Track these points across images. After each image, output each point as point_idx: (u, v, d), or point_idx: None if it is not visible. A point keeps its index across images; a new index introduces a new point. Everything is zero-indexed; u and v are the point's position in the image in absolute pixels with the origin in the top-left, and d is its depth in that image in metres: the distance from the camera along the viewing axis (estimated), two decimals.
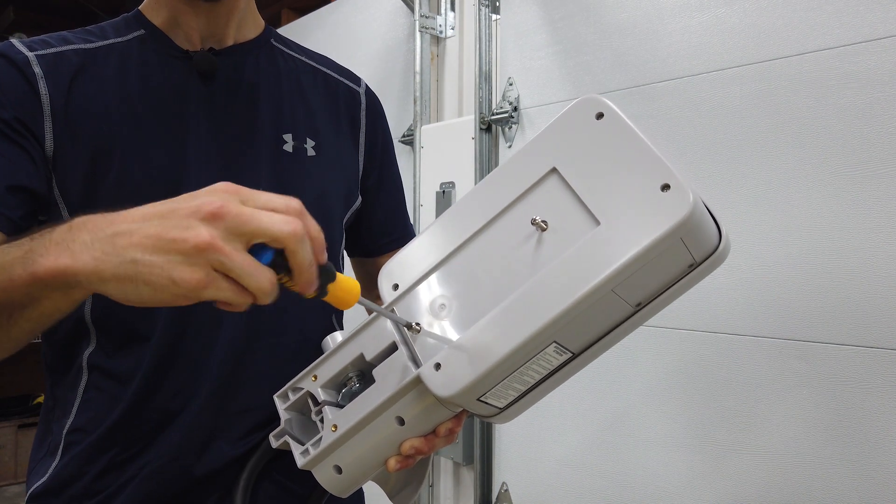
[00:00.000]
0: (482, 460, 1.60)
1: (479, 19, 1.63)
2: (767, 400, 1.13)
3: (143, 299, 0.47)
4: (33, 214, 0.74)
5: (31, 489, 0.77)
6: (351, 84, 0.94)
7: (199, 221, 0.46)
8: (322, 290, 0.52)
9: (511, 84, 1.57)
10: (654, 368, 1.29)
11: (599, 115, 0.58)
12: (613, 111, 0.58)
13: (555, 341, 0.57)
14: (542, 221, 0.58)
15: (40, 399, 3.69)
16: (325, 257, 0.51)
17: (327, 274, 0.51)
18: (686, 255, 0.56)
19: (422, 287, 0.62)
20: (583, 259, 0.54)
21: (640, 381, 1.31)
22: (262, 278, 0.47)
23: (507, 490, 1.57)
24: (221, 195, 0.48)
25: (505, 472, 1.58)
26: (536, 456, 1.50)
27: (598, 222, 0.55)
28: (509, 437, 1.57)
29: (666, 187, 0.53)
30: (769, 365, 1.13)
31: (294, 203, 0.50)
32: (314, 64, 0.92)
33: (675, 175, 0.53)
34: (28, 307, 0.53)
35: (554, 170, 0.59)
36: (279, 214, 0.48)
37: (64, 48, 0.76)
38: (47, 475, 0.76)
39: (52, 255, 0.49)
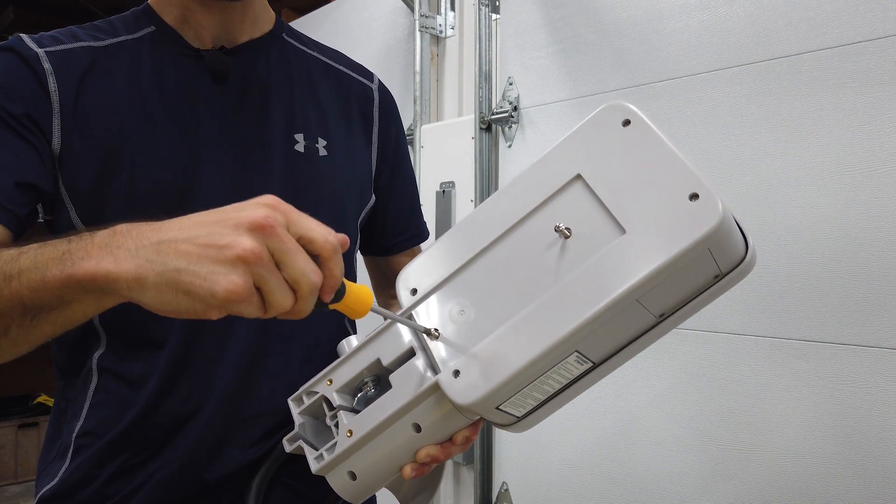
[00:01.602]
0: (482, 460, 1.60)
1: (479, 19, 1.63)
2: (769, 400, 1.14)
3: (179, 308, 0.47)
4: (36, 213, 0.73)
5: (41, 493, 0.76)
6: (364, 80, 0.93)
7: (247, 232, 0.46)
8: (326, 305, 0.52)
9: (511, 84, 1.57)
10: (656, 368, 1.29)
11: (626, 122, 0.57)
12: (640, 118, 0.57)
13: (577, 350, 0.56)
14: (566, 228, 0.57)
15: (40, 399, 3.69)
16: (331, 296, 0.51)
17: (338, 294, 0.52)
18: (712, 266, 0.56)
19: (441, 292, 0.61)
20: (608, 268, 0.53)
21: (642, 381, 1.31)
22: (287, 302, 0.48)
23: (507, 490, 1.57)
24: (270, 211, 0.48)
25: (505, 472, 1.58)
26: (537, 456, 1.50)
27: (623, 230, 0.54)
28: (509, 437, 1.57)
29: (694, 196, 0.52)
30: (770, 364, 1.13)
31: (332, 240, 0.50)
32: (326, 60, 0.91)
33: (704, 184, 0.52)
34: (55, 310, 0.51)
35: (578, 176, 0.58)
36: (310, 265, 0.49)
37: (74, 45, 0.75)
38: (57, 479, 0.75)
39: (93, 259, 0.48)
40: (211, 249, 0.46)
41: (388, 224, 0.95)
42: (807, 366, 1.09)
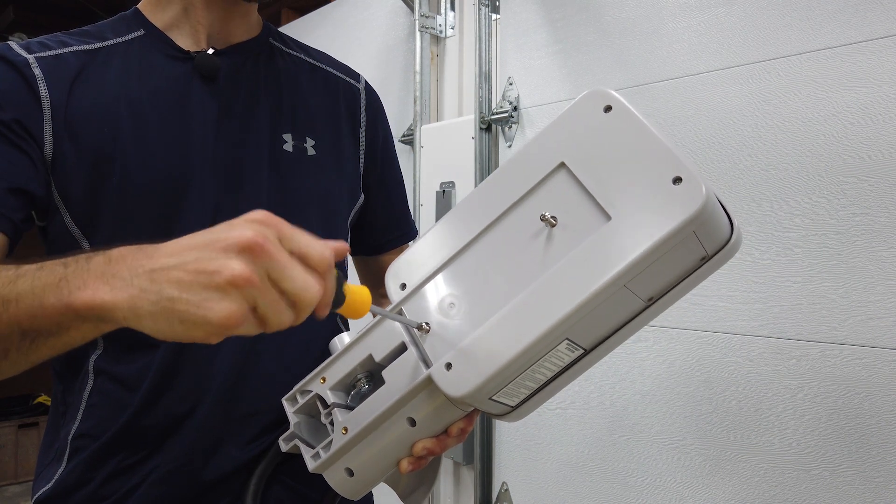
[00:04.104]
0: (482, 460, 1.60)
1: (479, 19, 1.63)
2: (769, 400, 1.13)
3: (176, 335, 0.46)
4: (31, 219, 0.73)
5: (37, 495, 0.76)
6: (350, 80, 0.94)
7: (237, 255, 0.46)
8: (339, 304, 0.53)
9: (511, 84, 1.57)
10: (655, 368, 1.29)
11: (608, 108, 0.57)
12: (622, 104, 0.57)
13: (567, 338, 0.56)
14: (552, 217, 0.57)
15: (41, 399, 3.69)
16: (326, 312, 0.51)
17: (337, 301, 0.52)
18: (698, 248, 0.56)
19: (430, 286, 0.62)
20: (595, 254, 0.54)
21: (641, 381, 1.31)
22: (285, 318, 0.48)
23: (507, 490, 1.57)
24: (260, 228, 0.47)
25: (505, 472, 1.58)
26: (537, 456, 1.50)
27: (608, 217, 0.54)
28: (509, 437, 1.57)
29: (678, 180, 0.52)
30: (771, 365, 1.13)
31: (327, 255, 0.49)
32: (313, 61, 0.91)
33: (688, 167, 0.53)
34: (53, 335, 0.51)
35: (562, 164, 0.58)
36: (310, 279, 0.48)
37: (63, 50, 0.75)
38: (53, 481, 0.75)
39: (90, 289, 0.48)
40: (201, 276, 0.45)
41: (377, 223, 0.96)
42: (807, 366, 1.09)
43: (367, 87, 0.95)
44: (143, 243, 0.50)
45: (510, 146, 1.59)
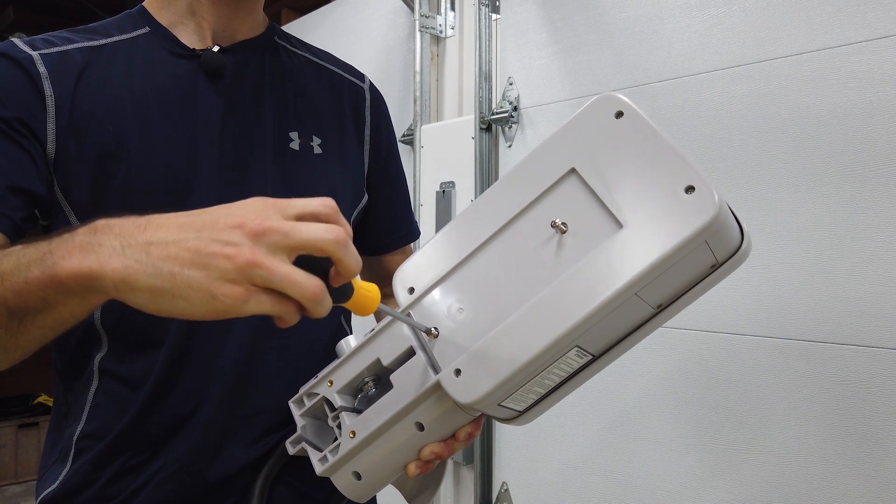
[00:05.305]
0: (482, 460, 1.60)
1: (479, 19, 1.63)
2: (769, 400, 1.13)
3: (175, 312, 0.46)
4: (34, 217, 0.73)
5: (42, 496, 0.76)
6: (355, 80, 0.94)
7: (242, 238, 0.46)
8: (347, 296, 0.52)
9: (511, 84, 1.57)
10: (656, 368, 1.29)
11: (619, 114, 0.57)
12: (633, 110, 0.57)
13: (577, 345, 0.56)
14: (562, 224, 0.56)
15: (41, 399, 3.69)
16: (356, 256, 0.51)
17: (346, 291, 0.52)
18: (709, 256, 0.56)
19: (438, 290, 0.61)
20: (606, 263, 0.53)
21: (642, 381, 1.31)
22: (308, 287, 0.47)
23: (507, 490, 1.57)
24: (260, 209, 0.47)
25: (505, 472, 1.58)
26: (537, 456, 1.50)
27: (620, 225, 0.54)
28: (509, 437, 1.57)
29: (690, 189, 0.52)
30: (771, 365, 1.13)
31: (329, 203, 0.49)
32: (318, 61, 0.91)
33: (700, 176, 0.52)
34: (41, 312, 0.50)
35: (573, 170, 0.58)
36: (320, 224, 0.48)
37: (68, 47, 0.75)
38: (58, 482, 0.75)
39: (75, 258, 0.47)
40: (203, 257, 0.45)
41: (380, 223, 0.96)
42: (808, 365, 1.09)
43: (372, 86, 0.95)
44: None
45: (510, 146, 1.59)
